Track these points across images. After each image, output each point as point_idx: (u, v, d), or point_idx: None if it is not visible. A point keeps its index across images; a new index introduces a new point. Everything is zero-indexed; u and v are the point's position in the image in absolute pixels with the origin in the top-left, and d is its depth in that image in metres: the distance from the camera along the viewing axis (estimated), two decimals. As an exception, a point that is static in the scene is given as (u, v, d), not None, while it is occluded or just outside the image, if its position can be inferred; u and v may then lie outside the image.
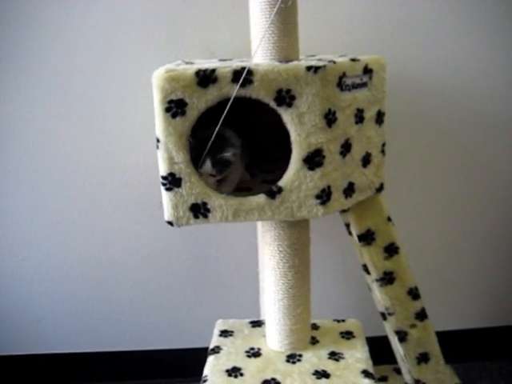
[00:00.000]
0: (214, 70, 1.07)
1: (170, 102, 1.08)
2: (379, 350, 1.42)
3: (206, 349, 1.36)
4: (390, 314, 1.42)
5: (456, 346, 1.59)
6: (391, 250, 1.37)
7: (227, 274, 1.78)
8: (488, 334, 1.96)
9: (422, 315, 1.44)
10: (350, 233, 1.59)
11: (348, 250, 1.71)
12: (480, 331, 1.96)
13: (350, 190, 1.22)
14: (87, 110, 1.63)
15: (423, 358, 1.48)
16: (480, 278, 1.91)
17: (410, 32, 1.63)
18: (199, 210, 1.14)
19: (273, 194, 1.14)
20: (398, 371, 1.82)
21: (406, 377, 1.79)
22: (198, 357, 1.35)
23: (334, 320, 1.46)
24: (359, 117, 1.21)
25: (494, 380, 1.86)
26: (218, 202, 1.14)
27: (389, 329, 1.69)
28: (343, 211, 1.57)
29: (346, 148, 1.18)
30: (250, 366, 1.27)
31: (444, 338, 1.50)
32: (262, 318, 1.49)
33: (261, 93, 1.08)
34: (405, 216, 1.70)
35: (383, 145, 1.33)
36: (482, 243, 1.86)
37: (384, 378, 1.74)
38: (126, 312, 1.83)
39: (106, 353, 1.86)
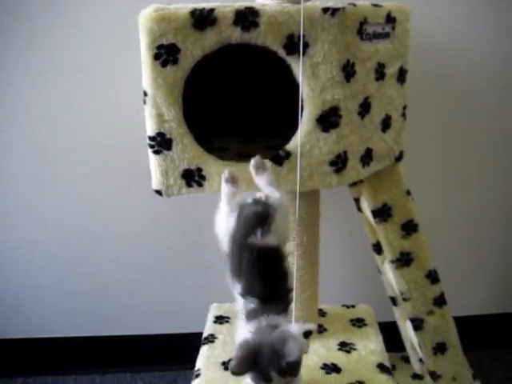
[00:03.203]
0: (212, 10, 0.91)
1: (160, 47, 0.92)
2: (386, 336, 1.28)
3: (201, 334, 1.21)
4: (405, 300, 1.27)
5: (468, 333, 1.46)
6: (409, 227, 1.22)
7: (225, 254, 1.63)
8: (502, 320, 1.84)
9: (440, 301, 1.29)
10: (359, 209, 1.44)
11: (356, 229, 1.57)
12: (494, 317, 1.84)
13: (367, 157, 1.06)
14: (69, 66, 1.45)
15: (440, 349, 1.33)
16: (498, 263, 1.78)
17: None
18: (193, 177, 0.98)
19: (280, 159, 0.98)
20: (407, 360, 1.69)
21: (416, 366, 1.66)
22: (192, 342, 1.21)
23: (343, 305, 1.31)
24: (380, 72, 1.05)
25: (508, 370, 1.74)
26: (215, 167, 0.97)
27: (400, 315, 1.54)
28: (353, 184, 1.42)
29: (364, 108, 1.02)
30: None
31: (456, 324, 1.37)
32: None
33: (268, 38, 0.92)
34: (421, 192, 1.55)
35: (404, 107, 1.17)
36: (503, 226, 1.73)
37: (391, 367, 1.61)
38: (116, 295, 1.69)
39: (95, 337, 1.73)
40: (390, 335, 1.41)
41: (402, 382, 1.62)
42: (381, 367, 1.11)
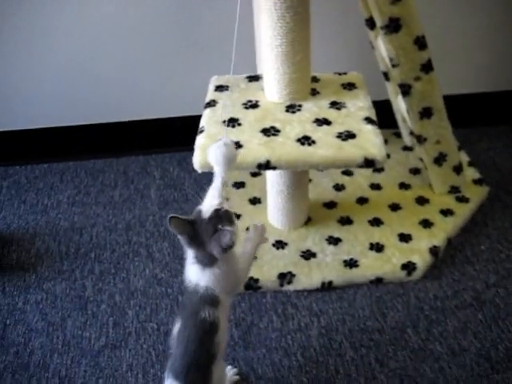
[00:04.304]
0: None
1: None
2: (379, 114, 1.34)
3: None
4: (394, 66, 1.34)
5: (457, 111, 1.53)
6: (399, -9, 1.24)
7: (221, 33, 1.65)
8: (489, 99, 1.92)
9: (427, 67, 1.36)
10: (352, -18, 1.46)
11: (349, 6, 1.58)
12: (481, 96, 1.91)
13: None
14: None
15: (426, 113, 1.43)
16: (488, 41, 1.81)
17: None
18: None
19: None
20: (398, 135, 1.81)
21: (406, 139, 1.79)
22: (197, 125, 1.29)
23: (335, 73, 1.39)
24: None
25: (492, 142, 1.86)
26: None
27: (392, 90, 1.63)
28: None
29: None
30: (247, 116, 1.23)
31: (445, 103, 1.44)
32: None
33: None
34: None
35: None
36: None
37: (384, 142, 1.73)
38: (117, 82, 1.76)
39: (108, 124, 1.83)
40: (383, 113, 1.48)
41: (394, 153, 1.75)
42: (367, 119, 1.22)
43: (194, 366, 0.94)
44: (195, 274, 0.95)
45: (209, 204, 0.93)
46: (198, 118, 1.29)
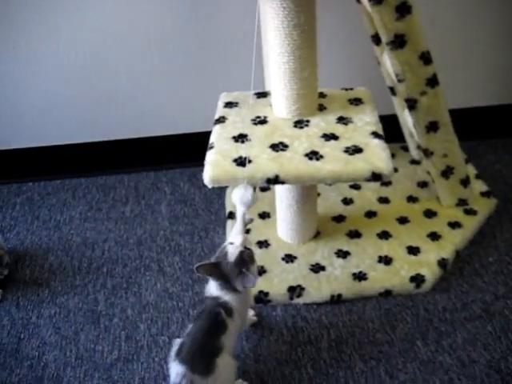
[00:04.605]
0: None
1: None
2: (385, 129, 1.36)
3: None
4: (400, 81, 1.36)
5: (463, 124, 1.55)
6: (403, 9, 1.26)
7: (229, 50, 1.70)
8: (496, 111, 1.93)
9: (433, 81, 1.37)
10: (358, 0, 1.48)
11: (355, 22, 1.61)
12: (488, 109, 1.92)
13: None
14: None
15: (432, 127, 1.44)
16: (492, 54, 1.83)
17: None
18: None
19: None
20: (405, 149, 1.83)
21: (413, 153, 1.80)
22: (208, 141, 1.31)
23: (342, 88, 1.41)
24: None
25: (499, 155, 1.87)
26: None
27: (399, 104, 1.65)
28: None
29: None
30: (256, 132, 1.25)
31: (451, 116, 1.45)
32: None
33: None
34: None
35: None
36: (505, 13, 1.73)
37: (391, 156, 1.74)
38: (128, 99, 1.79)
39: (120, 141, 1.86)
40: (390, 127, 1.49)
41: (401, 167, 1.77)
42: (374, 134, 1.24)
43: (199, 353, 1.04)
44: (218, 292, 1.11)
45: (233, 242, 1.09)
46: (208, 134, 1.31)
